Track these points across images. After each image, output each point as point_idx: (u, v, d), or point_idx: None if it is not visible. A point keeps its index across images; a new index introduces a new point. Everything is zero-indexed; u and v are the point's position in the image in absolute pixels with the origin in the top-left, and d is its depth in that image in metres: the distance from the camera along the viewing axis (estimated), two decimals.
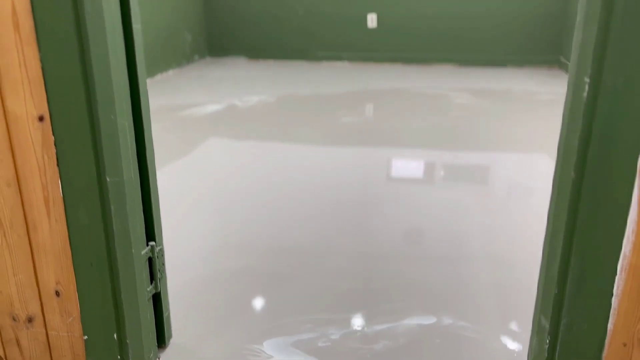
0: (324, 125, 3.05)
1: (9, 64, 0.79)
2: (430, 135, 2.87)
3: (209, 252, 1.63)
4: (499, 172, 2.31)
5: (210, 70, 4.78)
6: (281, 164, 2.41)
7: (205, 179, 2.24)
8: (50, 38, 0.77)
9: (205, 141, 2.75)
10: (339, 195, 2.05)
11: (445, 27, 4.97)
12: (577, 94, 0.76)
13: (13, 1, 0.76)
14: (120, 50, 0.86)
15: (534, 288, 1.04)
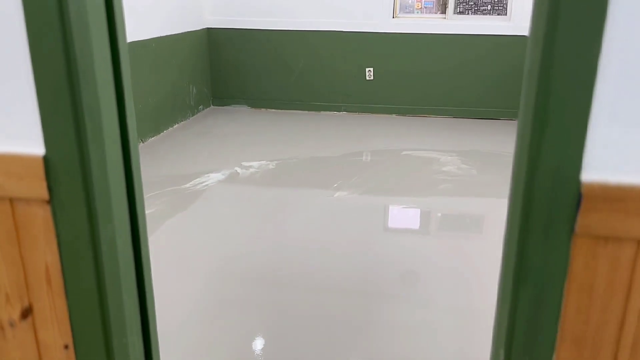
0: (316, 205, 3.24)
1: (42, 307, 0.98)
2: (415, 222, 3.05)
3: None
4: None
5: (214, 123, 4.99)
6: (270, 246, 2.60)
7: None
8: (76, 291, 0.96)
9: (204, 223, 2.95)
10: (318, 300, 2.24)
11: (437, 82, 5.16)
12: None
13: (47, 263, 0.96)
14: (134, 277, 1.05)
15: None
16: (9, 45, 0.84)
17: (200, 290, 2.27)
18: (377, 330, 2.00)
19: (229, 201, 3.28)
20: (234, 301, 2.20)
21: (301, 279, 2.38)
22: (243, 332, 2.00)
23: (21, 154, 0.88)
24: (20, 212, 0.92)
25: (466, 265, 2.50)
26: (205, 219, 3.00)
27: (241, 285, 2.32)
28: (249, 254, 2.59)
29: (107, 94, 0.91)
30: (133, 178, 1.02)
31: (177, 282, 2.33)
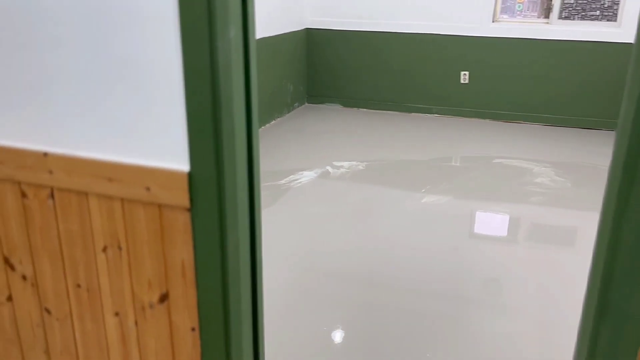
0: (403, 208, 3.33)
1: (177, 295, 1.18)
2: (504, 231, 3.06)
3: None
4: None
5: (308, 121, 5.20)
6: (357, 246, 2.74)
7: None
8: (205, 283, 1.15)
9: (296, 222, 3.14)
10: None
11: (535, 88, 5.03)
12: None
13: (183, 259, 1.15)
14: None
15: None
16: (169, 84, 1.03)
17: (286, 283, 2.46)
18: (457, 335, 2.09)
19: (320, 199, 3.45)
20: (318, 296, 2.36)
21: (385, 278, 2.50)
22: (326, 327, 2.16)
23: (171, 169, 1.08)
24: (166, 217, 1.12)
25: (554, 277, 2.50)
26: (298, 216, 3.19)
27: (326, 282, 2.48)
28: (335, 252, 2.75)
29: (240, 121, 1.08)
30: (254, 191, 1.19)
31: (266, 275, 2.53)
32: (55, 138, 1.16)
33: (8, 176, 1.23)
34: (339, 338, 2.11)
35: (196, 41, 0.99)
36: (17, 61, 1.13)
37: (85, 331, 1.32)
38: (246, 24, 1.07)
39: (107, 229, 1.19)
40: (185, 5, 0.97)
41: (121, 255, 1.20)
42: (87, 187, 1.16)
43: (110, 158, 1.12)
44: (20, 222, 1.27)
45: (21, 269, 1.33)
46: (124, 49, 1.04)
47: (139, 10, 1.01)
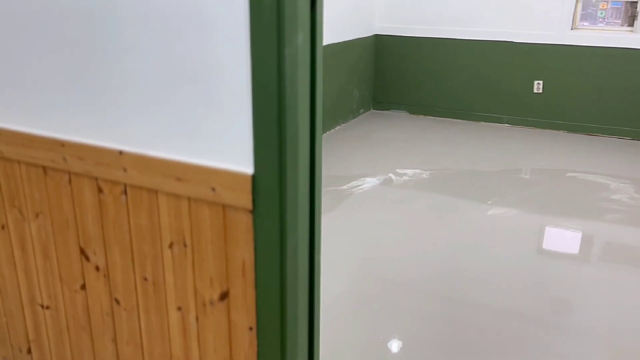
0: (468, 219, 3.25)
1: (236, 293, 1.22)
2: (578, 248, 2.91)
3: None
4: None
5: (373, 127, 5.18)
6: (418, 255, 2.69)
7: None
8: (264, 284, 1.18)
9: (356, 228, 3.14)
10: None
11: (614, 99, 4.77)
12: None
13: (244, 259, 1.18)
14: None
15: None
16: (237, 88, 1.06)
17: (344, 289, 2.45)
18: (520, 353, 2.00)
19: (382, 207, 3.43)
20: (376, 304, 2.34)
21: (446, 291, 2.45)
22: (382, 335, 2.13)
23: (236, 171, 1.11)
24: (229, 217, 1.16)
25: (628, 300, 2.35)
26: (359, 222, 3.19)
27: (385, 290, 2.46)
28: (396, 260, 2.72)
29: (304, 127, 1.10)
30: (315, 196, 1.20)
31: (324, 279, 2.54)
32: (130, 138, 1.22)
33: (87, 172, 1.31)
34: (396, 348, 2.09)
35: (264, 47, 1.02)
36: (97, 66, 1.21)
37: (150, 323, 1.38)
38: (314, 30, 1.09)
39: (174, 226, 1.24)
40: (256, 12, 1.00)
41: (186, 252, 1.25)
42: (157, 186, 1.21)
43: (179, 158, 1.17)
44: (95, 215, 1.35)
45: (95, 260, 1.41)
46: (196, 54, 1.09)
47: (211, 18, 1.05)
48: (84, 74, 1.24)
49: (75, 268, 1.46)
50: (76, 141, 1.29)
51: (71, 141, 1.30)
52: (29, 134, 1.36)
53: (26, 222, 1.49)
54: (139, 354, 1.44)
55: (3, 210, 1.52)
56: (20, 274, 1.59)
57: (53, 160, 1.35)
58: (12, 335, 1.71)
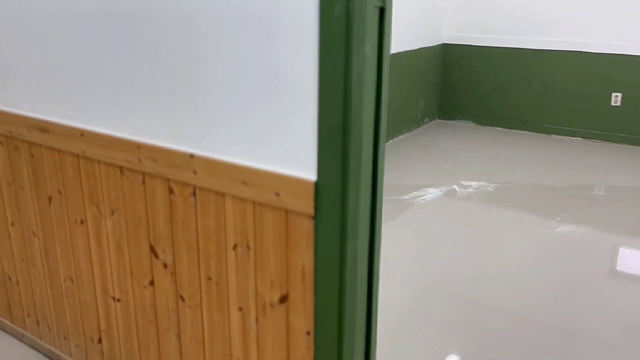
0: (535, 236, 3.13)
1: (295, 297, 1.24)
2: None
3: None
4: None
5: (437, 137, 5.11)
6: (479, 270, 2.62)
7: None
8: (322, 289, 1.19)
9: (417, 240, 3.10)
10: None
11: None
12: None
13: (304, 264, 1.21)
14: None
15: None
16: (304, 97, 1.09)
17: (402, 300, 2.43)
18: None
19: (444, 219, 3.37)
20: (434, 317, 2.30)
21: (508, 309, 2.37)
22: (440, 349, 2.09)
23: (300, 178, 1.14)
24: (291, 222, 1.18)
25: None
26: (419, 233, 3.15)
27: (444, 303, 2.41)
28: (457, 274, 2.66)
29: (368, 136, 1.11)
30: (376, 205, 1.21)
31: (382, 288, 2.52)
32: (201, 142, 1.28)
33: (160, 173, 1.37)
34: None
35: (332, 57, 1.04)
36: (174, 73, 1.27)
37: (212, 321, 1.43)
38: (382, 41, 1.10)
39: (239, 228, 1.28)
40: (326, 22, 1.02)
41: (249, 254, 1.29)
42: (225, 189, 1.26)
43: (246, 163, 1.21)
44: (166, 215, 1.42)
45: (163, 257, 1.48)
46: (267, 62, 1.12)
47: (283, 27, 1.08)
48: (162, 81, 1.31)
49: (145, 264, 1.53)
50: (151, 144, 1.37)
51: (146, 143, 1.37)
52: (109, 136, 1.45)
53: (103, 219, 1.59)
54: (201, 350, 1.49)
55: (83, 207, 1.63)
56: (95, 267, 1.69)
57: (129, 161, 1.43)
58: (86, 324, 1.82)
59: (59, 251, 1.78)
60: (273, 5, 1.08)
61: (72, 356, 1.92)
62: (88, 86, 1.47)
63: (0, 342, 2.09)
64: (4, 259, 2.02)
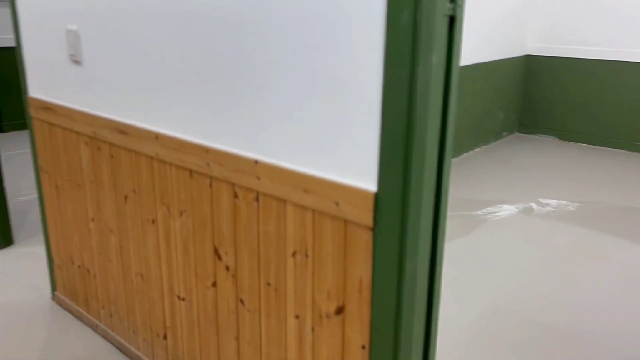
0: (619, 260, 2.91)
1: (352, 309, 1.22)
2: None
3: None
4: None
5: (516, 152, 4.90)
6: (555, 295, 2.46)
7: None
8: (379, 304, 1.16)
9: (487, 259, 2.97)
10: None
11: None
12: None
13: (361, 276, 1.18)
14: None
15: None
16: (367, 106, 1.08)
17: (466, 320, 2.33)
18: None
19: (520, 237, 3.21)
20: (500, 341, 2.19)
21: (584, 338, 2.21)
22: None
23: (359, 188, 1.12)
24: (350, 232, 1.17)
25: None
26: (491, 251, 3.02)
27: (512, 327, 2.29)
28: (529, 298, 2.52)
29: (432, 149, 1.07)
30: (439, 220, 1.16)
31: (445, 306, 2.43)
32: (265, 148, 1.29)
33: (226, 178, 1.41)
34: None
35: (397, 65, 1.02)
36: (241, 80, 1.30)
37: (270, 327, 1.44)
38: (450, 50, 1.06)
39: (298, 236, 1.28)
40: (392, 29, 1.00)
41: (307, 262, 1.28)
42: (286, 195, 1.26)
43: (307, 171, 1.21)
44: (230, 218, 1.44)
45: (226, 260, 1.51)
46: (331, 70, 1.12)
47: (348, 34, 1.07)
48: (229, 87, 1.34)
49: (208, 266, 1.57)
50: (218, 148, 1.40)
51: (214, 148, 1.41)
52: (180, 139, 1.50)
53: (172, 219, 1.64)
54: (258, 355, 1.51)
55: (154, 207, 1.70)
56: (163, 265, 1.75)
57: (198, 165, 1.47)
58: (152, 320, 1.89)
59: (131, 248, 1.87)
60: (338, 13, 1.08)
61: (140, 350, 2.00)
62: (163, 91, 1.53)
63: (76, 330, 2.22)
64: (84, 253, 2.14)
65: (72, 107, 1.91)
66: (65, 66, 1.89)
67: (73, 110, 1.90)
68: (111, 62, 1.70)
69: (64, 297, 2.37)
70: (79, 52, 1.81)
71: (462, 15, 1.07)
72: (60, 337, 2.17)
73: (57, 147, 2.08)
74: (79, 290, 2.26)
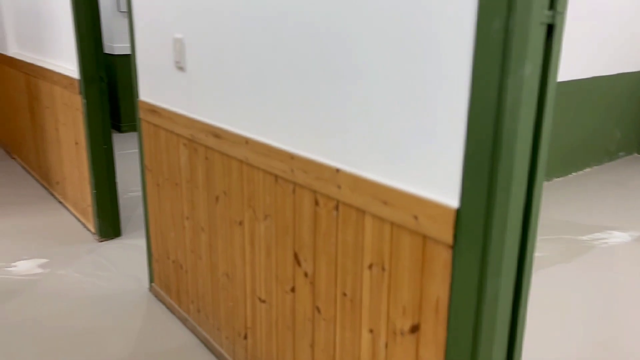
0: None
1: (427, 329, 1.17)
2: None
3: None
4: None
5: (633, 174, 4.48)
6: None
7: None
8: (456, 326, 1.10)
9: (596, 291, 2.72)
10: None
11: None
12: None
13: (438, 296, 1.13)
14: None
15: None
16: (451, 117, 1.03)
17: (559, 354, 2.14)
18: None
19: (631, 268, 2.92)
20: None
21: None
22: None
23: (440, 202, 1.07)
24: (428, 249, 1.12)
25: None
26: (598, 281, 2.77)
27: None
28: (634, 333, 2.27)
29: (521, 165, 1.00)
30: (527, 242, 1.08)
31: (536, 338, 2.26)
32: (346, 157, 1.28)
33: (308, 185, 1.41)
34: None
35: (485, 76, 0.96)
36: (329, 89, 1.30)
37: (344, 338, 1.42)
38: (547, 62, 0.99)
39: (376, 248, 1.25)
40: (482, 36, 0.95)
41: (383, 275, 1.25)
42: (365, 206, 1.24)
43: (387, 182, 1.18)
44: (310, 225, 1.45)
45: (305, 266, 1.51)
46: (417, 79, 1.08)
47: (435, 43, 1.03)
48: (316, 96, 1.35)
49: (288, 270, 1.59)
50: (303, 155, 1.41)
51: (299, 155, 1.42)
52: (268, 145, 1.54)
53: (257, 222, 1.68)
54: None
55: (242, 209, 1.75)
56: (247, 266, 1.80)
57: (283, 171, 1.50)
58: (235, 319, 1.94)
59: (220, 247, 1.94)
60: (426, 20, 1.04)
61: (223, 347, 2.07)
62: (253, 98, 1.58)
63: (168, 323, 2.34)
64: (178, 249, 2.26)
65: (175, 111, 2.03)
66: (171, 72, 2.02)
67: (175, 113, 2.02)
68: (209, 69, 1.78)
69: (159, 289, 2.51)
70: (183, 59, 1.92)
71: (563, 24, 0.99)
72: (153, 327, 2.30)
73: (160, 148, 2.22)
74: (172, 284, 2.38)
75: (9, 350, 2.13)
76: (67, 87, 3.08)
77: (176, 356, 2.10)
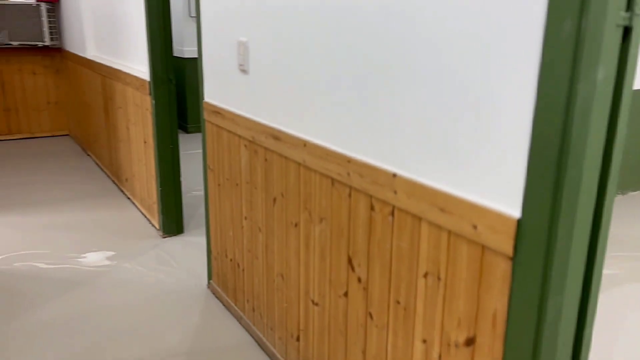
0: None
1: (483, 343, 1.12)
2: None
3: None
4: None
5: None
6: None
7: None
8: (514, 343, 1.05)
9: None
10: None
11: None
12: None
13: (496, 309, 1.08)
14: None
15: None
16: (514, 123, 0.98)
17: None
18: None
19: None
20: None
21: None
22: None
23: (500, 212, 1.02)
24: (487, 259, 1.08)
25: None
26: None
27: None
28: None
29: (591, 175, 0.94)
30: (595, 257, 1.02)
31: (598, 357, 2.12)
32: (404, 162, 1.26)
33: (364, 189, 1.40)
34: None
35: (554, 80, 0.91)
36: (386, 93, 1.28)
37: (396, 346, 1.39)
38: (623, 66, 0.93)
39: (432, 256, 1.22)
40: (550, 40, 0.91)
41: (439, 285, 1.21)
42: (422, 213, 1.21)
43: (445, 189, 1.15)
44: (365, 230, 1.43)
45: (358, 272, 1.50)
46: (478, 83, 1.05)
47: (501, 45, 1.00)
48: (374, 100, 1.33)
49: (342, 275, 1.57)
50: (359, 159, 1.40)
51: (355, 159, 1.41)
52: (325, 148, 1.53)
53: (312, 224, 1.68)
54: None
55: (298, 211, 1.76)
56: (301, 268, 1.80)
57: (340, 174, 1.49)
58: (288, 320, 1.95)
59: (276, 248, 1.96)
60: (491, 20, 1.01)
61: (275, 347, 2.08)
62: (312, 101, 1.58)
63: (224, 320, 2.39)
64: (236, 248, 2.30)
65: (237, 112, 2.07)
66: (234, 74, 2.06)
67: (237, 115, 2.06)
68: (271, 72, 1.80)
69: (217, 286, 2.57)
70: (246, 62, 1.95)
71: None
72: (210, 323, 2.35)
73: (222, 148, 2.27)
74: (229, 282, 2.43)
75: (76, 335, 2.24)
76: (139, 88, 3.22)
77: (230, 354, 2.14)
